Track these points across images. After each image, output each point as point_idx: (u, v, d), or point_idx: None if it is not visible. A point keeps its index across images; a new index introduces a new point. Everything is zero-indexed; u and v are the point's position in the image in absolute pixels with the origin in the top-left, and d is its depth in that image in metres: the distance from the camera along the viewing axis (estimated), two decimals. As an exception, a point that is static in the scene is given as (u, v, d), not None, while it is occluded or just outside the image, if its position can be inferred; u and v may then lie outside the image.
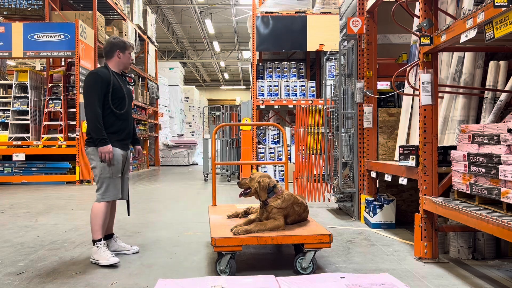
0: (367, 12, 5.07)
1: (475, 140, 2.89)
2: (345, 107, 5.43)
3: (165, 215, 5.83)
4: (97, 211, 3.57)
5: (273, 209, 3.31)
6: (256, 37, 10.08)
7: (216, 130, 4.49)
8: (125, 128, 3.79)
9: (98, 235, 3.56)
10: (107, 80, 3.62)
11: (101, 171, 3.60)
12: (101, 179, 3.61)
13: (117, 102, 3.69)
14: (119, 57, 3.77)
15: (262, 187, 3.34)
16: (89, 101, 3.55)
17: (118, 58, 3.77)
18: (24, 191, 8.68)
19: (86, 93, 3.59)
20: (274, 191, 3.37)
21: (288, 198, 3.39)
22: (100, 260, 3.46)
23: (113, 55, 3.76)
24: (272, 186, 3.38)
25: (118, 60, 3.78)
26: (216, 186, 4.50)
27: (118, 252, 3.76)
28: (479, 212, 2.66)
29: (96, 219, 3.56)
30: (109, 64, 3.78)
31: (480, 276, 3.14)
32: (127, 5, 13.25)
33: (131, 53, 3.88)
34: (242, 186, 3.47)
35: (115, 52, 3.76)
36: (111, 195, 3.63)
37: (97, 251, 3.50)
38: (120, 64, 3.81)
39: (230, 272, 3.08)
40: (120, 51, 3.76)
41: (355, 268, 3.33)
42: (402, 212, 5.03)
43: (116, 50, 3.75)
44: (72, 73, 10.31)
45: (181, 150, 17.27)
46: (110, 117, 3.65)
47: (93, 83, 3.58)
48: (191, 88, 22.53)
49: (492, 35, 2.56)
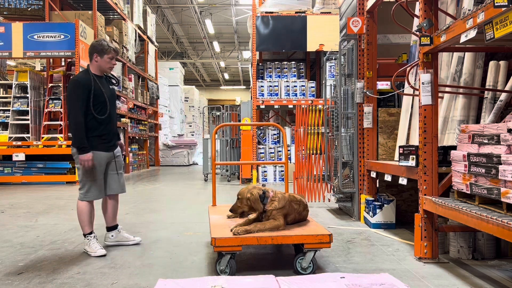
0: (367, 12, 5.07)
1: (475, 140, 2.89)
2: (345, 107, 5.43)
3: (165, 215, 5.83)
4: (81, 209, 3.82)
5: (272, 211, 3.31)
6: (256, 37, 10.08)
7: (216, 130, 4.49)
8: (109, 131, 3.90)
9: (86, 229, 3.84)
10: (88, 86, 3.70)
11: (83, 174, 3.78)
12: (83, 181, 3.80)
13: (99, 107, 3.77)
14: (96, 60, 3.83)
15: (254, 201, 3.31)
16: (71, 109, 3.65)
17: (95, 61, 3.83)
18: (24, 191, 8.68)
19: (68, 101, 3.70)
20: (266, 196, 3.34)
21: (283, 196, 3.39)
22: (90, 251, 3.76)
23: (92, 59, 3.84)
24: (263, 193, 3.34)
25: (96, 63, 3.84)
26: (216, 186, 4.50)
27: (121, 243, 4.07)
28: (479, 212, 2.66)
29: (82, 216, 3.82)
30: (90, 67, 3.85)
31: (480, 276, 3.14)
32: (127, 5, 13.25)
33: (112, 57, 3.87)
34: (235, 211, 3.42)
35: (93, 55, 3.83)
36: (92, 196, 3.83)
37: (88, 243, 3.80)
38: (99, 68, 3.86)
39: (230, 272, 3.08)
40: (97, 55, 3.82)
41: (355, 268, 3.33)
42: (402, 212, 5.03)
43: (94, 54, 3.82)
44: (72, 73, 10.30)
45: (181, 150, 17.27)
46: (92, 122, 3.75)
47: (74, 90, 3.67)
48: (191, 88, 22.53)
49: (492, 35, 2.56)
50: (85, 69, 3.86)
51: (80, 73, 3.85)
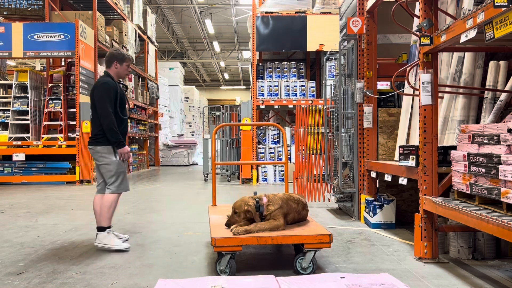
0: (367, 12, 5.07)
1: (475, 140, 2.89)
2: (345, 107, 5.43)
3: (165, 215, 5.83)
4: (111, 202, 4.00)
5: (271, 213, 3.31)
6: (256, 37, 10.08)
7: (216, 130, 4.50)
8: (127, 130, 4.30)
9: (108, 222, 4.00)
10: (115, 89, 4.05)
11: (117, 167, 4.04)
12: (117, 173, 4.04)
13: (122, 108, 4.16)
14: (116, 67, 4.17)
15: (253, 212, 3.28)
16: (104, 109, 3.95)
17: (115, 68, 4.17)
18: (24, 191, 8.68)
19: (101, 102, 3.97)
20: (261, 205, 3.32)
21: (278, 197, 3.38)
22: (111, 244, 3.90)
23: (111, 66, 4.16)
24: (257, 203, 3.32)
25: (116, 70, 4.18)
26: (216, 186, 4.51)
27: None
28: (479, 212, 2.66)
29: (109, 208, 3.99)
30: (109, 72, 4.17)
31: (480, 276, 3.14)
32: (127, 5, 13.25)
33: (129, 65, 4.27)
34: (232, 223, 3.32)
35: (113, 63, 4.16)
36: (124, 187, 4.10)
37: (107, 236, 3.93)
38: (117, 74, 4.20)
39: (230, 272, 3.08)
40: (117, 63, 4.16)
41: (355, 268, 3.33)
42: (402, 212, 5.03)
43: (114, 61, 4.16)
44: (72, 73, 10.30)
45: (181, 150, 17.26)
46: (117, 121, 4.06)
47: (105, 92, 3.99)
48: (191, 88, 22.52)
49: (492, 35, 2.56)
50: (106, 74, 4.16)
51: (105, 77, 4.13)
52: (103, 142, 3.99)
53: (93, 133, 4.05)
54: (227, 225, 3.34)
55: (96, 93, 4.00)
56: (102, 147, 4.00)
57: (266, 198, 3.37)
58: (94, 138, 4.04)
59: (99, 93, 3.98)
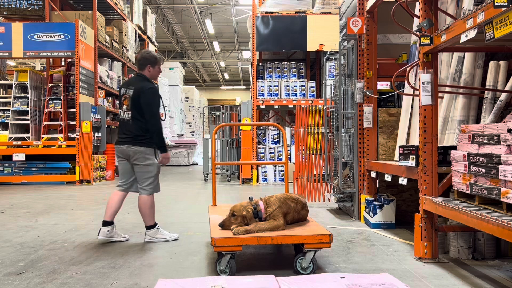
0: (367, 12, 5.07)
1: (475, 140, 2.89)
2: (345, 107, 5.43)
3: (165, 215, 5.83)
4: (150, 203, 4.24)
5: (271, 213, 3.31)
6: (256, 37, 10.08)
7: (216, 130, 4.50)
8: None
9: (153, 220, 4.28)
10: (159, 94, 4.28)
11: (156, 169, 4.26)
12: (155, 176, 4.26)
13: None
14: (149, 70, 4.29)
15: (249, 218, 3.28)
16: (154, 115, 4.13)
17: (148, 71, 4.29)
18: (24, 191, 8.68)
19: (150, 107, 4.13)
20: (258, 210, 3.32)
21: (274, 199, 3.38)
22: (164, 237, 4.26)
23: (145, 69, 4.27)
24: (254, 209, 3.32)
25: (149, 73, 4.29)
26: (216, 186, 4.51)
27: (114, 239, 4.26)
28: (479, 212, 2.66)
29: (151, 208, 4.24)
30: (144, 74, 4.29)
31: (480, 276, 3.14)
32: (127, 5, 13.25)
33: (160, 66, 4.41)
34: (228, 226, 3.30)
35: (147, 66, 4.27)
36: (158, 188, 4.35)
37: (158, 232, 4.26)
38: (151, 76, 4.32)
39: (230, 272, 3.08)
40: (151, 66, 4.29)
41: (355, 268, 3.33)
42: (402, 212, 5.03)
43: (147, 65, 4.27)
44: (72, 73, 10.30)
45: (181, 150, 17.26)
46: None
47: (155, 98, 4.18)
48: (191, 88, 22.51)
49: (492, 35, 2.56)
50: (143, 77, 4.26)
51: (149, 82, 4.25)
52: (147, 143, 4.15)
53: (134, 134, 4.15)
54: (220, 226, 3.32)
55: (144, 98, 4.12)
56: (145, 148, 4.15)
57: (263, 202, 3.37)
58: (135, 138, 4.14)
59: (147, 98, 4.12)
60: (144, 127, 4.12)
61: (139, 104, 4.12)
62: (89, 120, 9.74)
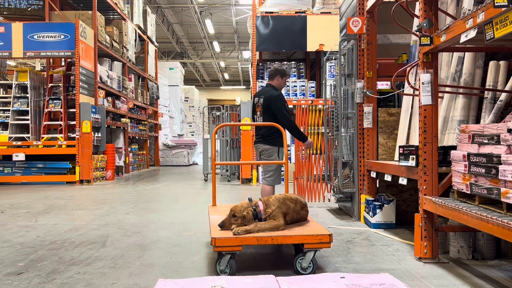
0: (367, 12, 5.07)
1: (475, 140, 2.89)
2: (345, 107, 5.43)
3: (165, 215, 5.83)
4: (268, 191, 4.81)
5: (270, 214, 3.31)
6: (256, 37, 10.08)
7: (216, 130, 4.50)
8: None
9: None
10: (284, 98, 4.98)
11: (277, 165, 4.83)
12: (278, 170, 4.89)
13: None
14: (278, 80, 5.00)
15: (249, 219, 3.28)
16: (285, 114, 4.81)
17: (277, 81, 4.99)
18: (24, 191, 8.68)
19: (281, 109, 4.79)
20: (258, 212, 3.31)
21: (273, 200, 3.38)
22: None
23: (274, 78, 4.99)
24: (253, 210, 3.32)
25: (277, 82, 5.00)
26: (216, 186, 4.50)
27: None
28: (479, 212, 2.66)
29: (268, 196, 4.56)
30: (273, 84, 4.99)
31: (480, 276, 3.14)
32: (127, 5, 13.25)
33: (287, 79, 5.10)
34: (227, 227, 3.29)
35: (276, 76, 4.99)
36: (278, 181, 4.92)
37: None
38: (278, 86, 5.01)
39: (230, 272, 3.08)
40: (280, 77, 4.99)
41: (355, 268, 3.33)
42: (402, 212, 5.03)
43: (277, 75, 4.99)
44: (72, 73, 10.30)
45: (181, 150, 17.26)
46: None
47: (283, 101, 4.89)
48: (191, 88, 22.52)
49: (492, 35, 2.56)
50: (272, 87, 4.97)
51: (274, 90, 4.94)
52: (273, 143, 4.80)
53: (265, 134, 4.81)
54: (220, 226, 3.31)
55: (274, 104, 4.79)
56: (271, 146, 4.81)
57: (262, 203, 3.37)
58: (265, 138, 4.82)
59: (278, 104, 4.80)
60: (271, 130, 4.76)
61: (270, 110, 4.81)
62: (89, 120, 9.74)
